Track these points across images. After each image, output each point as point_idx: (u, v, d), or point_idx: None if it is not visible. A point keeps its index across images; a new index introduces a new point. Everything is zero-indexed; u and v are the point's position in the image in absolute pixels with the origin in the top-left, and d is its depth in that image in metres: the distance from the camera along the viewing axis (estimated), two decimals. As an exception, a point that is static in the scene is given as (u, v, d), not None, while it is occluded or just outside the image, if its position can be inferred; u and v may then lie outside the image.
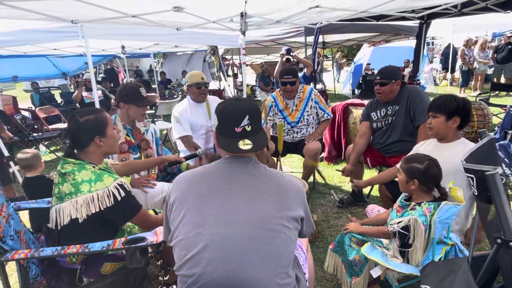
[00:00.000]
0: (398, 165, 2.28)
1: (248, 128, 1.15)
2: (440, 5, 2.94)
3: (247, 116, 1.15)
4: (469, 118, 1.92)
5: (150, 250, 1.54)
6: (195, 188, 1.13)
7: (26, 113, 7.05)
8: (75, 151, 1.58)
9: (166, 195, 2.18)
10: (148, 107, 2.52)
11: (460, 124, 1.89)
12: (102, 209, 1.45)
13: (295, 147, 3.31)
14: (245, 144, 1.13)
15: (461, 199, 1.54)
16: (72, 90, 9.16)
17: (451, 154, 1.80)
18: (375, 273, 1.72)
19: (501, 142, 3.08)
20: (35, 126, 6.10)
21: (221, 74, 9.70)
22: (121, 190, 1.49)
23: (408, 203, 1.70)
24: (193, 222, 1.07)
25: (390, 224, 1.65)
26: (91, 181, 1.47)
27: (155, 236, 1.48)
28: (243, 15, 3.70)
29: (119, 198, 1.47)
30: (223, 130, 1.19)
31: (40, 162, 2.60)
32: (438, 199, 1.62)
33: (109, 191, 1.46)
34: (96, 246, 1.41)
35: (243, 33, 4.01)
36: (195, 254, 1.04)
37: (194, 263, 1.05)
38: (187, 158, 2.36)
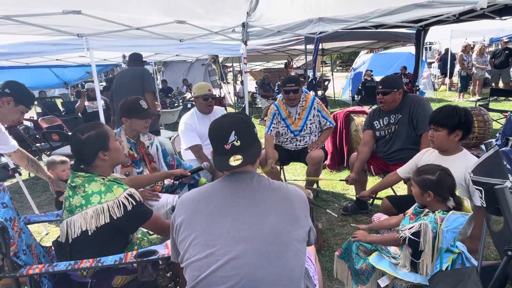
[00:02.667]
0: (398, 172, 2.31)
1: (237, 143, 1.14)
2: (441, 14, 2.98)
3: (233, 132, 1.14)
4: (471, 130, 1.93)
5: (160, 262, 1.56)
6: (202, 209, 1.13)
7: (28, 123, 7.07)
8: (82, 166, 1.60)
9: (169, 208, 2.22)
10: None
11: (461, 137, 1.90)
12: (112, 220, 1.46)
13: (298, 155, 3.33)
14: (235, 160, 1.12)
15: (469, 209, 1.56)
16: (73, 100, 9.19)
17: (452, 168, 1.80)
18: (383, 282, 1.73)
19: (503, 148, 3.10)
20: (37, 136, 6.11)
21: (221, 82, 9.75)
22: (131, 200, 1.51)
23: (421, 209, 1.70)
24: (203, 243, 1.07)
25: (402, 230, 1.65)
26: (101, 193, 1.49)
27: (166, 249, 1.50)
28: (244, 25, 3.76)
29: (129, 208, 1.49)
30: (215, 149, 1.20)
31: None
32: (452, 209, 1.60)
33: (119, 202, 1.49)
34: (109, 260, 1.42)
35: (245, 42, 4.06)
36: (208, 274, 1.04)
37: (207, 284, 1.05)
38: (192, 172, 2.37)
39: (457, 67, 9.95)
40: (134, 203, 1.52)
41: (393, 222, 1.94)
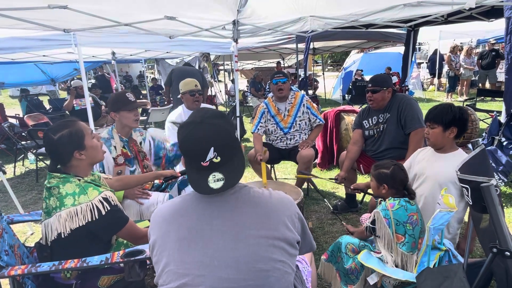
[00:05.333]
0: None
1: (217, 160, 0.98)
2: (430, 15, 3.02)
3: (212, 148, 0.97)
4: (466, 127, 1.95)
5: (148, 262, 1.53)
6: (173, 231, 1.01)
7: (14, 121, 6.91)
8: (59, 166, 1.54)
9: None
10: (140, 113, 2.51)
11: (457, 134, 1.91)
12: (85, 223, 1.41)
13: (289, 154, 3.33)
14: (216, 181, 0.99)
15: (453, 206, 1.58)
16: (61, 97, 9.03)
17: (446, 165, 1.83)
18: (372, 280, 1.75)
19: (489, 147, 3.17)
20: (23, 134, 5.98)
21: (213, 80, 9.71)
22: (105, 204, 1.45)
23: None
24: (175, 271, 0.98)
25: (365, 219, 1.81)
26: (75, 194, 1.44)
27: (153, 248, 1.47)
28: (235, 23, 3.74)
29: (103, 212, 1.43)
30: (189, 163, 1.04)
31: None
32: (405, 195, 1.76)
33: (92, 205, 1.43)
34: (94, 260, 1.39)
35: (236, 40, 4.04)
36: None
37: None
38: (182, 173, 2.34)
39: (446, 68, 10.12)
40: (109, 208, 1.45)
41: None
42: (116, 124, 2.36)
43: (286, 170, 4.46)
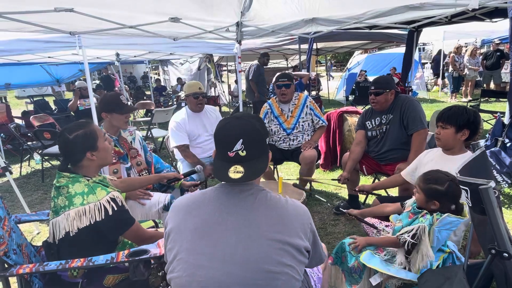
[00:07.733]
0: (402, 174, 2.28)
1: (243, 153, 1.03)
2: (433, 16, 3.02)
3: (241, 140, 1.03)
4: (477, 131, 1.93)
5: (152, 261, 1.56)
6: (190, 222, 1.06)
7: (20, 121, 6.99)
8: (69, 165, 1.58)
9: (161, 207, 2.20)
10: (144, 113, 2.53)
11: (468, 137, 1.90)
12: (92, 222, 1.45)
13: (292, 155, 3.35)
14: (236, 172, 1.03)
15: (465, 214, 1.58)
16: (67, 98, 9.10)
17: (455, 167, 1.82)
18: (374, 280, 1.75)
19: (492, 149, 3.16)
20: (29, 134, 6.05)
21: (216, 81, 9.76)
22: (113, 204, 1.48)
23: (420, 210, 1.72)
24: (187, 260, 1.01)
25: (401, 234, 1.66)
26: (83, 194, 1.48)
27: (158, 248, 1.50)
28: (239, 24, 3.76)
29: (110, 212, 1.47)
30: (217, 151, 1.11)
31: None
32: (452, 211, 1.61)
33: (100, 205, 1.46)
34: (100, 259, 1.42)
35: (239, 42, 4.07)
36: None
37: None
38: (185, 175, 2.36)
39: (450, 68, 10.07)
40: (116, 208, 1.49)
41: (387, 210, 1.94)
42: (104, 124, 2.39)
43: (289, 171, 4.48)
